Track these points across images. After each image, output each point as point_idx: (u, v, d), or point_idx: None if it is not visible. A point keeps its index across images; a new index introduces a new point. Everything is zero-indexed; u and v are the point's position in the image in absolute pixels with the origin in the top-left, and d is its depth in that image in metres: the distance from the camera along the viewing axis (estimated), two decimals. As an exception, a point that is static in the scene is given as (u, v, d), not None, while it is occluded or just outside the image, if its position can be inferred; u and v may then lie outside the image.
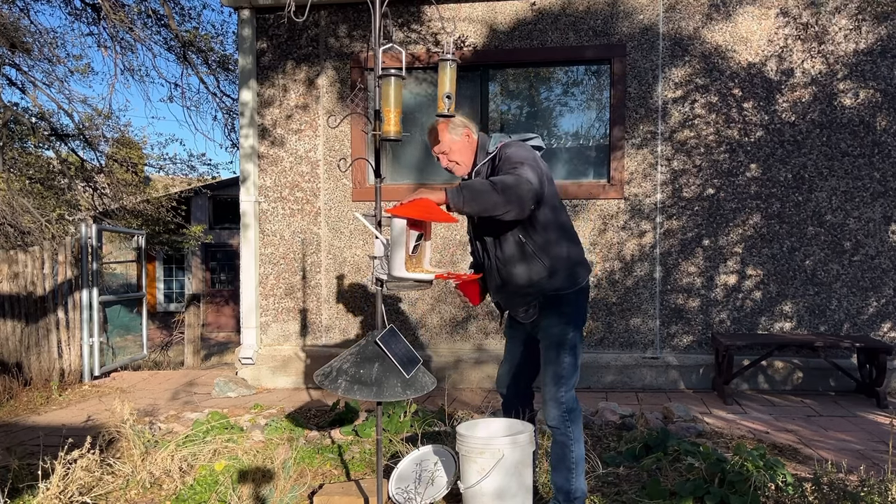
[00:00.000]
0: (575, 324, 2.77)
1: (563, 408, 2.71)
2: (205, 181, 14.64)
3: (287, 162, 6.07)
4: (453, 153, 2.83)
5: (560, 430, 2.73)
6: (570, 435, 2.72)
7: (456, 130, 2.82)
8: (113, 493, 3.30)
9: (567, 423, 2.72)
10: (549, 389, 2.74)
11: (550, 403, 2.74)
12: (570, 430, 2.72)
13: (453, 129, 2.82)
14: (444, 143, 2.83)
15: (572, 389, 2.76)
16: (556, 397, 2.72)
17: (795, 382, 5.46)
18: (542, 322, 2.78)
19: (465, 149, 2.83)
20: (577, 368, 2.77)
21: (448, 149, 2.83)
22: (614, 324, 5.68)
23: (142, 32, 9.49)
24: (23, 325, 6.12)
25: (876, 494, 2.81)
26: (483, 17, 5.80)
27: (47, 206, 10.48)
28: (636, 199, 5.65)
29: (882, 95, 5.37)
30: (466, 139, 2.83)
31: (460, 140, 2.82)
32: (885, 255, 5.39)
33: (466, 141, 2.83)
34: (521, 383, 3.03)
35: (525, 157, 2.66)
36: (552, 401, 2.73)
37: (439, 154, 2.86)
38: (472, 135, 2.85)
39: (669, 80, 5.59)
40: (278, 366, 6.04)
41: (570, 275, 2.75)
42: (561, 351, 2.72)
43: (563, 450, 2.74)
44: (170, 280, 20.37)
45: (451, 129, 2.82)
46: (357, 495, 3.05)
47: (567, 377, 2.72)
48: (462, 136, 2.82)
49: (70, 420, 4.96)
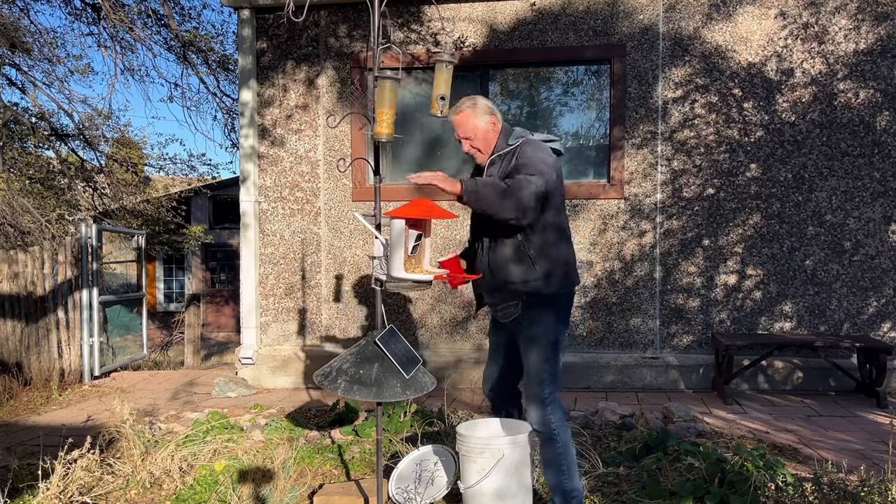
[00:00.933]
0: (563, 324, 2.76)
1: (548, 409, 2.67)
2: (205, 181, 14.63)
3: (287, 162, 6.07)
4: (476, 140, 2.80)
5: (544, 433, 2.69)
6: (556, 437, 2.68)
7: (482, 118, 2.78)
8: (113, 493, 3.31)
9: (551, 424, 2.67)
10: (533, 391, 2.69)
11: (533, 405, 2.70)
12: (555, 433, 2.68)
13: (479, 115, 2.78)
14: (469, 129, 2.79)
15: (557, 391, 2.71)
16: (539, 398, 2.68)
17: (795, 382, 5.46)
18: (526, 322, 2.73)
19: (488, 136, 2.80)
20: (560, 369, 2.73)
21: (472, 135, 2.79)
22: (614, 324, 5.68)
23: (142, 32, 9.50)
24: (23, 325, 6.12)
25: (876, 494, 2.81)
26: (483, 17, 5.80)
27: (47, 206, 10.48)
28: (636, 199, 5.65)
29: (882, 95, 5.37)
30: (492, 127, 2.80)
31: (485, 127, 2.78)
32: (885, 255, 5.39)
33: (491, 129, 2.80)
34: (508, 384, 3.00)
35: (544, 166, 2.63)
36: (535, 402, 2.69)
37: (462, 139, 2.82)
38: (497, 123, 2.82)
39: (669, 80, 5.59)
40: (278, 366, 6.04)
41: (564, 276, 2.74)
42: (546, 352, 2.68)
43: (551, 451, 2.70)
44: (170, 280, 20.37)
45: (477, 116, 2.78)
46: (357, 495, 3.05)
47: (551, 378, 2.69)
48: (487, 124, 2.79)
49: (70, 420, 4.96)
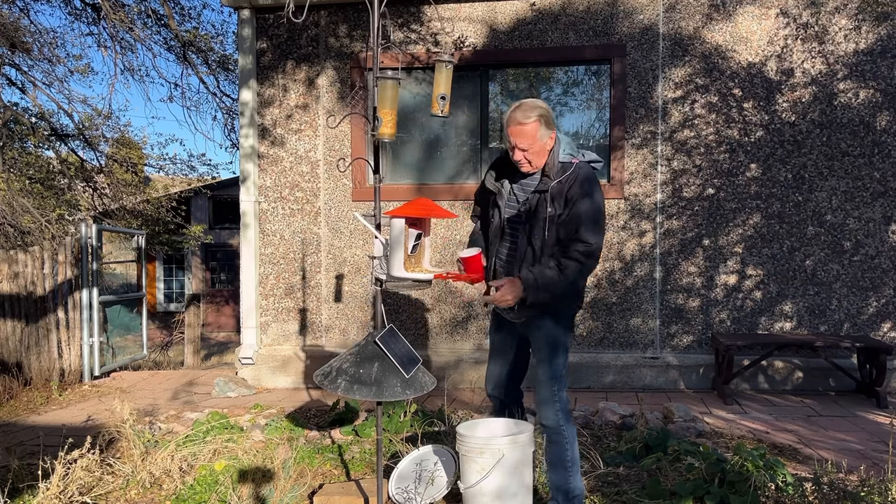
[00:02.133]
0: (571, 325, 2.84)
1: (559, 407, 2.72)
2: (205, 181, 14.62)
3: (287, 162, 6.07)
4: (533, 153, 2.67)
5: (556, 431, 2.73)
6: (565, 435, 2.73)
7: (546, 132, 2.65)
8: (113, 493, 3.31)
9: (562, 423, 2.72)
10: (546, 390, 2.73)
11: (546, 404, 2.73)
12: (564, 430, 2.73)
13: (545, 129, 2.65)
14: (529, 141, 2.64)
15: (565, 389, 2.76)
16: (552, 398, 2.72)
17: (795, 382, 5.46)
18: (538, 323, 2.76)
19: (544, 151, 2.69)
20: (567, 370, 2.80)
21: (531, 147, 2.65)
22: (614, 324, 5.67)
23: (142, 32, 9.49)
24: (23, 325, 6.11)
25: (876, 494, 2.81)
26: (483, 17, 5.80)
27: (47, 206, 10.47)
28: (636, 199, 5.65)
29: (882, 95, 5.37)
30: (550, 142, 2.69)
31: (544, 143, 2.67)
32: (885, 255, 5.39)
33: (550, 144, 2.69)
34: (512, 384, 3.02)
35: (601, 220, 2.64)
36: (549, 401, 2.72)
37: (518, 148, 2.67)
38: (554, 138, 2.70)
39: (669, 80, 5.59)
40: (278, 366, 6.04)
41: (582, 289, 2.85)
42: (557, 352, 2.73)
43: (559, 450, 2.74)
44: (170, 280, 20.37)
45: (542, 128, 2.64)
46: (357, 495, 3.05)
47: (563, 377, 2.74)
48: (548, 140, 2.67)
49: (70, 420, 4.96)
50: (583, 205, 2.60)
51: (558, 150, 2.69)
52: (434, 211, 2.66)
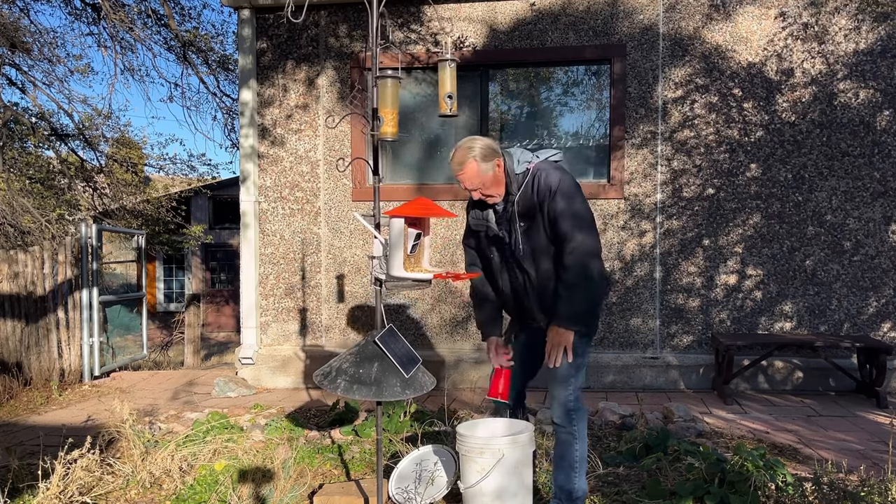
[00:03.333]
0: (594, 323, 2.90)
1: (571, 405, 2.73)
2: (205, 181, 14.62)
3: (287, 162, 6.07)
4: (487, 187, 2.66)
5: (566, 429, 2.74)
6: (574, 433, 2.74)
7: (487, 164, 2.62)
8: (113, 492, 3.31)
9: (573, 421, 2.74)
10: (559, 390, 2.75)
11: (558, 402, 2.75)
12: (575, 429, 2.74)
13: (485, 164, 2.61)
14: (477, 181, 2.64)
15: (579, 388, 2.78)
16: (565, 396, 2.74)
17: (795, 382, 5.46)
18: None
19: (497, 180, 2.67)
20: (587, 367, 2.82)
21: (481, 184, 2.65)
22: (614, 324, 5.67)
23: (142, 32, 9.50)
24: (23, 325, 6.11)
25: (876, 494, 2.81)
26: (483, 17, 5.80)
27: (47, 206, 10.47)
28: (636, 199, 5.65)
29: (882, 95, 5.37)
30: (498, 170, 2.65)
31: (493, 174, 2.64)
32: (885, 255, 5.39)
33: (499, 171, 2.66)
34: (519, 386, 3.03)
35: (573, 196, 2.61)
36: (561, 400, 2.74)
37: (471, 190, 2.67)
38: (501, 164, 2.66)
39: (669, 80, 5.59)
40: (278, 366, 6.04)
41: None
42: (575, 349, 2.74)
43: (566, 448, 2.75)
44: (170, 280, 20.36)
45: (481, 164, 2.61)
46: (357, 495, 3.05)
47: (577, 377, 2.76)
48: (494, 169, 2.64)
49: (70, 420, 4.96)
50: (557, 204, 2.60)
51: (513, 167, 2.68)
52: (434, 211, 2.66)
